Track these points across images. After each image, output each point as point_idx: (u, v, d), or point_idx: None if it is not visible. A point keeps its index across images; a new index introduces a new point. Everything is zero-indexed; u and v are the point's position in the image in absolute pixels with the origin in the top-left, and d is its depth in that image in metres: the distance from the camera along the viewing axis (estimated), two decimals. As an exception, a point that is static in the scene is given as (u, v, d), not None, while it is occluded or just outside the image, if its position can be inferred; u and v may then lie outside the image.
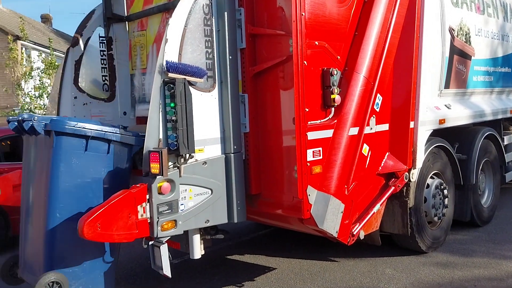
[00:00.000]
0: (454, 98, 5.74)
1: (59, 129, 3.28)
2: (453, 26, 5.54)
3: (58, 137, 3.28)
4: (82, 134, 3.33)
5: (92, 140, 3.38)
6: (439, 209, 5.22)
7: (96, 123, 3.54)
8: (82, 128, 3.34)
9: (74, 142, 3.32)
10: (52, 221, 3.29)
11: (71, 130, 3.29)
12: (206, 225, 3.77)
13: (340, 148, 4.04)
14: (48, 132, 3.33)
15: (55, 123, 3.31)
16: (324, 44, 4.02)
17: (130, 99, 5.09)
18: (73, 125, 3.31)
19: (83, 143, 3.34)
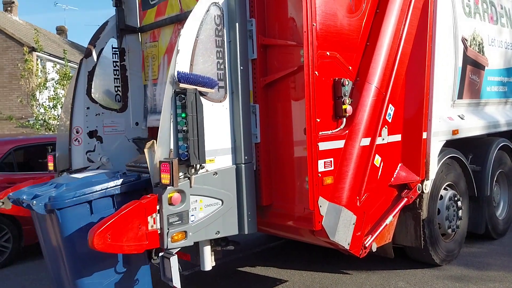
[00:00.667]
0: (468, 108, 5.67)
1: (61, 206, 3.21)
2: (466, 36, 5.50)
3: (62, 212, 3.22)
4: (84, 201, 3.28)
5: (96, 201, 3.31)
6: (453, 221, 5.14)
7: (97, 179, 3.46)
8: (83, 195, 3.27)
9: (79, 211, 3.26)
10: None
11: (72, 202, 3.23)
12: (216, 237, 3.75)
13: (351, 159, 4.00)
14: (51, 210, 3.25)
15: (55, 201, 3.23)
16: (336, 54, 4.01)
17: (143, 110, 5.13)
18: (73, 195, 3.24)
19: (87, 208, 3.29)
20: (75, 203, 3.24)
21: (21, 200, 3.41)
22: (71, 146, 4.78)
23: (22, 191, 3.62)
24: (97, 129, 4.94)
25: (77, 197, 3.25)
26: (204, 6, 3.68)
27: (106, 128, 5.02)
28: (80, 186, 3.38)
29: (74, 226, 3.24)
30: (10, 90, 19.88)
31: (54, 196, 3.27)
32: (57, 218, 3.22)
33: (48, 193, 3.37)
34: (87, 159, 4.88)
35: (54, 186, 3.53)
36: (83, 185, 3.38)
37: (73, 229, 3.24)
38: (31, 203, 3.24)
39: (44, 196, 3.31)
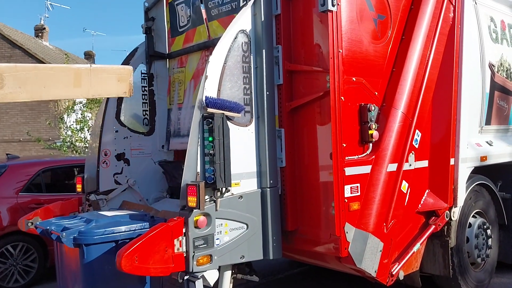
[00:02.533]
0: (496, 134, 5.58)
1: (89, 242, 3.25)
2: (493, 62, 5.45)
3: (88, 248, 3.26)
4: (112, 240, 3.33)
5: (122, 241, 3.34)
6: (482, 249, 4.99)
7: (126, 220, 3.51)
8: (111, 234, 3.32)
9: (105, 248, 3.30)
10: None
11: (100, 240, 3.28)
12: (241, 261, 3.73)
13: (378, 185, 3.96)
14: (78, 244, 3.28)
15: (84, 236, 3.26)
16: (362, 80, 4.03)
17: (166, 133, 5.22)
18: (101, 233, 3.29)
19: (113, 247, 3.32)
20: (103, 240, 3.29)
21: (50, 231, 3.45)
22: (99, 168, 4.89)
23: (50, 221, 3.67)
24: (124, 152, 5.06)
25: (105, 235, 3.30)
26: (232, 34, 3.77)
27: (134, 151, 5.13)
28: (109, 224, 3.44)
29: (97, 262, 3.27)
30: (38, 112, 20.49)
31: (83, 231, 3.31)
32: (82, 253, 3.26)
33: (77, 226, 3.42)
34: (114, 181, 4.98)
35: (83, 221, 3.58)
36: (112, 224, 3.44)
37: (96, 265, 3.27)
38: (61, 235, 3.28)
39: (73, 230, 3.34)
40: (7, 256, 5.99)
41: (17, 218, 4.91)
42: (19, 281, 6.03)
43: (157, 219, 3.59)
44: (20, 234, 5.79)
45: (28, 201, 6.32)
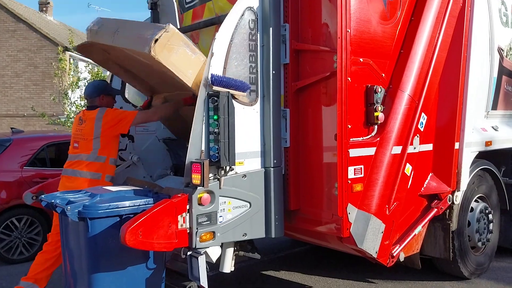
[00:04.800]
0: (502, 119, 5.54)
1: (93, 216, 3.25)
2: (502, 46, 5.38)
3: (93, 221, 3.26)
4: (116, 214, 3.33)
5: (126, 216, 3.34)
6: (483, 234, 5.02)
7: (130, 195, 3.53)
8: (115, 209, 3.32)
9: (109, 223, 3.30)
10: None
11: (105, 214, 3.28)
12: (243, 239, 3.77)
13: (382, 167, 3.96)
14: (82, 218, 3.29)
15: (88, 210, 3.26)
16: (369, 61, 3.99)
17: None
18: (106, 207, 3.28)
19: (117, 221, 3.32)
20: (107, 215, 3.29)
21: (54, 204, 3.46)
22: (104, 145, 4.88)
23: (55, 195, 3.66)
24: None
25: (110, 209, 3.30)
26: (239, 11, 3.72)
27: (138, 128, 5.13)
28: (114, 199, 3.44)
29: (101, 236, 3.29)
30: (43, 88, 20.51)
31: (88, 205, 3.32)
32: (86, 226, 3.27)
33: (82, 201, 3.43)
34: (118, 158, 4.99)
35: (88, 195, 3.59)
36: (116, 199, 3.44)
37: (100, 239, 3.29)
38: (65, 209, 3.29)
39: (78, 203, 3.35)
40: (11, 229, 6.08)
41: (22, 192, 4.96)
42: (24, 253, 6.14)
43: (161, 195, 3.61)
44: (25, 207, 5.87)
45: (32, 175, 6.38)
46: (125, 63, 4.56)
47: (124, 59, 4.42)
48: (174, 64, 3.75)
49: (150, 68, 4.13)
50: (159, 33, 3.61)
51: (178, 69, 3.80)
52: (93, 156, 4.21)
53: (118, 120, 4.20)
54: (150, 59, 3.70)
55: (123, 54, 4.22)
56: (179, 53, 3.75)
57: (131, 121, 4.21)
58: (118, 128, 4.22)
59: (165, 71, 3.77)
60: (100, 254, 3.31)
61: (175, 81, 3.85)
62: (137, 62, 4.23)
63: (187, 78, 3.78)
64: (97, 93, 4.47)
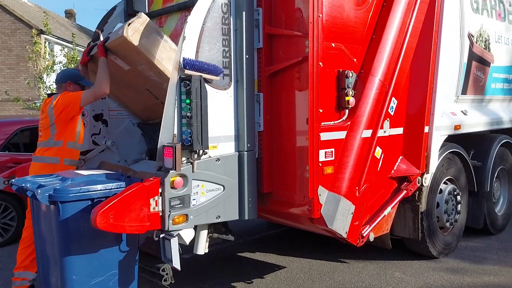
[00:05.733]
0: (471, 104, 5.70)
1: (64, 199, 3.23)
2: (473, 32, 5.50)
3: (64, 205, 3.24)
4: (87, 198, 3.31)
5: (98, 199, 3.32)
6: (451, 215, 5.20)
7: (102, 179, 3.51)
8: (87, 192, 3.30)
9: (80, 206, 3.28)
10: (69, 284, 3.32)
11: (76, 197, 3.26)
12: (217, 221, 3.82)
13: (352, 150, 4.05)
14: (53, 202, 3.26)
15: (59, 193, 3.24)
16: (341, 46, 4.05)
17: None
18: (77, 191, 3.27)
19: (89, 205, 3.30)
20: (78, 198, 3.28)
21: (25, 188, 3.43)
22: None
23: (26, 179, 3.63)
24: (102, 113, 5.03)
25: (81, 193, 3.29)
26: (211, -6, 3.70)
27: (112, 112, 5.10)
28: (85, 183, 3.43)
29: (72, 220, 3.27)
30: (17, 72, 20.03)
31: (59, 188, 3.30)
32: (57, 210, 3.26)
33: (53, 184, 3.41)
34: (92, 142, 4.97)
35: (59, 179, 3.56)
36: (88, 182, 3.43)
37: (72, 222, 3.27)
38: (35, 192, 3.26)
39: (49, 187, 3.33)
40: (-15, 214, 6.01)
41: (-6, 177, 4.91)
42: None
43: (134, 179, 3.63)
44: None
45: (5, 160, 6.31)
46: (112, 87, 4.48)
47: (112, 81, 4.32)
48: (146, 48, 3.77)
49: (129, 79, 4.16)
50: (133, 19, 3.85)
51: (150, 54, 3.82)
52: (51, 141, 4.21)
53: (67, 103, 4.15)
54: (125, 46, 3.73)
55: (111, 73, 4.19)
56: (151, 38, 3.82)
57: (79, 101, 4.12)
58: (69, 112, 4.16)
59: (139, 60, 3.80)
60: (72, 238, 3.31)
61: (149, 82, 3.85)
62: (121, 84, 4.31)
63: (161, 65, 3.82)
64: (64, 79, 4.42)
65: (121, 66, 4.22)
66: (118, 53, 4.16)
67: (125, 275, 3.54)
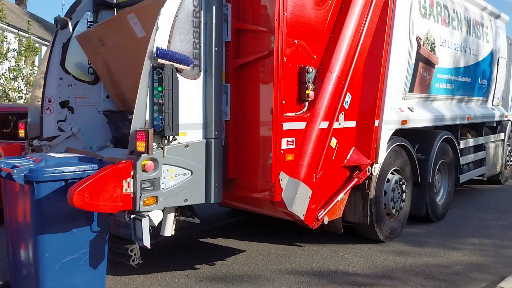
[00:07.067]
0: (418, 102, 6.22)
1: (39, 179, 3.33)
2: (420, 36, 6.01)
3: (39, 185, 3.34)
4: (62, 179, 3.44)
5: (71, 180, 3.45)
6: (397, 202, 5.68)
7: (75, 161, 3.64)
8: (61, 173, 3.43)
9: (54, 186, 3.40)
10: (42, 261, 3.42)
11: (50, 178, 3.38)
12: (184, 204, 4.03)
13: (311, 139, 4.39)
14: (28, 181, 3.35)
15: (34, 173, 3.34)
16: (303, 43, 4.37)
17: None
18: (52, 171, 3.39)
19: (63, 186, 3.43)
20: (53, 178, 3.40)
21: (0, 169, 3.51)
22: (43, 115, 4.89)
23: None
24: (69, 100, 5.07)
25: (56, 173, 3.41)
26: (183, -12, 3.90)
27: (78, 99, 5.16)
28: (59, 164, 3.54)
29: (46, 200, 3.39)
30: (-36, 58, 18.98)
31: (34, 169, 3.40)
32: (32, 190, 3.36)
33: (27, 165, 3.50)
34: (58, 128, 5.01)
35: (33, 161, 3.65)
36: (62, 164, 3.55)
37: (45, 202, 3.38)
38: (12, 172, 3.34)
39: (24, 168, 3.42)
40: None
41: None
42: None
43: (105, 162, 3.77)
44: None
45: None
46: (112, 59, 4.56)
47: (115, 52, 4.42)
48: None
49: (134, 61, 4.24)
50: None
51: None
52: None
53: None
54: (154, 10, 3.79)
55: (117, 42, 4.24)
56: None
57: None
58: None
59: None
60: (46, 217, 3.43)
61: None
62: (124, 57, 4.31)
63: None
64: None
65: (137, 32, 4.22)
66: (142, 16, 4.16)
67: (95, 254, 3.69)
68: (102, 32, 4.63)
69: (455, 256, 5.24)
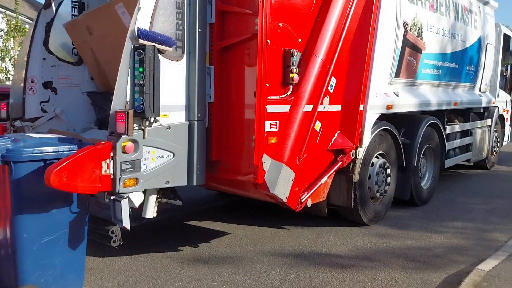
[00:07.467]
0: (404, 87, 6.23)
1: (17, 159, 3.27)
2: (407, 21, 5.99)
3: (17, 165, 3.29)
4: (40, 159, 3.38)
5: (50, 161, 3.40)
6: (381, 186, 5.73)
7: (54, 141, 3.59)
8: (39, 153, 3.37)
9: (33, 167, 3.35)
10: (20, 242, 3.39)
11: (28, 158, 3.32)
12: (166, 186, 4.03)
13: (295, 123, 4.39)
14: (6, 161, 3.32)
15: (12, 153, 3.28)
16: (288, 26, 4.34)
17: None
18: (30, 151, 3.33)
19: (41, 166, 3.38)
20: (31, 159, 3.35)
21: None
22: (25, 95, 4.86)
23: None
24: (52, 80, 5.04)
25: (34, 153, 3.36)
26: (166, -32, 3.84)
27: (61, 80, 5.12)
28: (37, 144, 3.49)
29: (25, 180, 3.34)
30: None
31: (11, 149, 3.35)
32: (10, 170, 3.32)
33: (5, 145, 3.45)
34: (41, 109, 4.98)
35: (11, 140, 3.60)
36: (40, 144, 3.50)
37: (24, 182, 3.34)
38: None
39: (1, 147, 3.37)
40: None
41: None
42: None
43: (85, 143, 3.75)
44: None
45: None
46: (99, 48, 4.48)
47: (102, 41, 4.33)
48: None
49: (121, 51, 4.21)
50: None
51: None
52: None
53: None
54: None
55: (105, 31, 4.18)
56: None
57: None
58: None
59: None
60: (24, 197, 3.39)
61: None
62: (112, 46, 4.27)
63: None
64: None
65: (125, 22, 4.16)
66: (131, 5, 4.00)
67: (75, 235, 3.68)
68: (90, 21, 4.57)
69: (437, 239, 5.31)
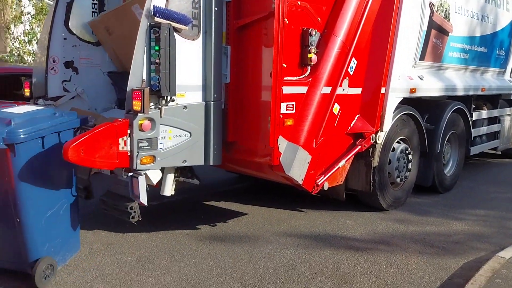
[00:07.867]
0: (429, 70, 6.04)
1: (19, 140, 3.24)
2: (434, 1, 5.78)
3: (18, 146, 3.26)
4: (39, 136, 3.38)
5: (47, 137, 3.43)
6: (402, 171, 5.61)
7: (43, 115, 3.55)
8: (38, 131, 3.36)
9: (32, 145, 3.34)
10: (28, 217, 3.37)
11: (30, 137, 3.30)
12: (183, 165, 4.06)
13: (312, 105, 4.33)
14: (8, 145, 3.23)
15: (12, 136, 3.21)
16: (306, 5, 4.25)
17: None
18: (29, 131, 3.29)
19: (40, 143, 3.39)
20: (32, 138, 3.32)
21: None
22: (48, 75, 4.94)
23: None
24: (73, 60, 5.10)
25: (33, 132, 3.33)
26: None
27: (82, 60, 5.18)
28: (31, 122, 3.40)
29: (28, 160, 3.33)
30: (-18, 22, 19.15)
31: (11, 131, 3.25)
32: (13, 151, 3.25)
33: None
34: (63, 89, 5.07)
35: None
36: (32, 121, 3.41)
37: (26, 161, 3.32)
38: None
39: (1, 132, 3.26)
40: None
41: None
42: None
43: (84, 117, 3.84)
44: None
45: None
46: (120, 48, 4.56)
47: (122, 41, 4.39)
48: None
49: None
50: None
51: None
52: None
53: None
54: None
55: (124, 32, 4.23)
56: None
57: None
58: None
59: None
60: (28, 176, 3.35)
61: None
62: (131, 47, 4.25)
63: None
64: None
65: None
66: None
67: (71, 201, 3.79)
68: (108, 21, 4.64)
69: (457, 226, 5.19)
